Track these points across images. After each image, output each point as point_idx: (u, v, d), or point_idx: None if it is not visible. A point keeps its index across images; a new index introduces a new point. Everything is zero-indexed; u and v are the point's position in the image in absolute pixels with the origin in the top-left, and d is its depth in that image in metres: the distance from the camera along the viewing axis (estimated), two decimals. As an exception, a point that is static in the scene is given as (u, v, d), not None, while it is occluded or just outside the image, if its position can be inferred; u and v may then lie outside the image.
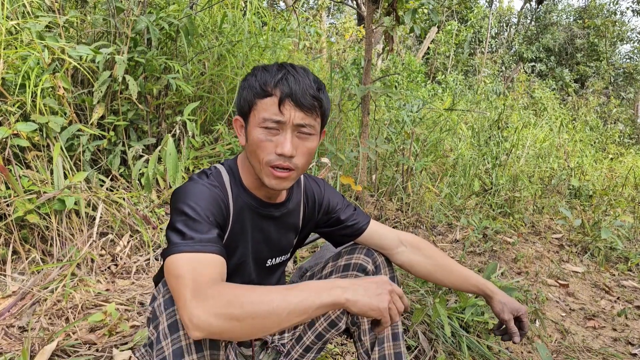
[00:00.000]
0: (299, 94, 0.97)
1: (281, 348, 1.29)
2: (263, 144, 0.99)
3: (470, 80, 10.00)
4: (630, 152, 7.96)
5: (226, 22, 3.67)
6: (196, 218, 0.93)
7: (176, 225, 0.92)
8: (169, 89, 2.97)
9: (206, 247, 0.89)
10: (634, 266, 3.09)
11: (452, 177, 4.11)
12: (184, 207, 0.95)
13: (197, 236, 0.90)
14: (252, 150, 1.02)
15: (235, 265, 1.15)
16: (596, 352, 1.95)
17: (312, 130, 1.02)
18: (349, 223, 1.27)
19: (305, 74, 1.02)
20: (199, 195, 0.98)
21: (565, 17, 16.93)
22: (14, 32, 2.44)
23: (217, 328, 0.79)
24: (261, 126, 0.99)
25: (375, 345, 1.24)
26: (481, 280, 1.31)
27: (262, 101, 0.99)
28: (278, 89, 0.97)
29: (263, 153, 1.00)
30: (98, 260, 2.11)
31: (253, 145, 1.01)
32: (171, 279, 0.87)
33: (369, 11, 3.04)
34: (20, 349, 1.54)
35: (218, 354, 0.95)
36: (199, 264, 0.87)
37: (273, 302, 0.80)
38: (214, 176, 1.07)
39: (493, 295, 1.29)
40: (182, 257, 0.87)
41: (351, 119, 3.95)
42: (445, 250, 2.93)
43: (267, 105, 0.98)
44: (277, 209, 1.16)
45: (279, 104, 0.97)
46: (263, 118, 0.98)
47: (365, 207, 3.29)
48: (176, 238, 0.90)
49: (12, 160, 2.14)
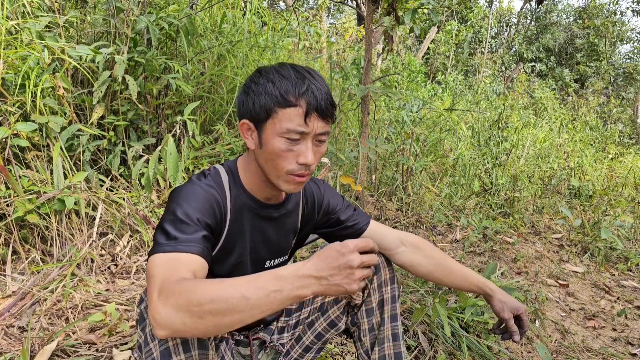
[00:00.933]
0: (323, 105, 0.97)
1: (280, 348, 1.29)
2: (285, 154, 0.98)
3: (470, 80, 10.01)
4: (630, 152, 7.95)
5: (226, 22, 3.67)
6: (184, 219, 0.93)
7: (164, 225, 0.93)
8: (169, 89, 2.97)
9: (187, 247, 0.89)
10: (633, 266, 3.09)
11: (452, 177, 4.11)
12: (175, 207, 0.95)
13: (180, 236, 0.90)
14: (269, 159, 1.00)
15: (233, 266, 1.14)
16: (596, 352, 1.95)
17: (327, 137, 1.03)
18: (349, 223, 1.27)
19: (321, 80, 1.01)
20: (192, 196, 0.98)
21: (565, 17, 16.93)
22: (13, 32, 2.44)
23: (180, 326, 0.77)
24: (284, 136, 0.97)
25: (375, 345, 1.24)
26: (481, 280, 1.31)
27: (284, 111, 0.96)
28: (304, 100, 0.96)
29: (284, 162, 0.99)
30: (98, 260, 2.11)
31: (272, 154, 0.99)
32: (147, 278, 0.87)
33: (369, 11, 3.04)
34: (20, 349, 1.54)
35: (207, 354, 0.94)
36: (176, 262, 0.87)
37: (233, 299, 0.76)
38: (212, 176, 1.07)
39: (493, 294, 1.29)
40: (160, 257, 0.87)
41: (351, 119, 3.95)
42: (445, 250, 2.93)
43: (291, 115, 0.96)
44: (276, 210, 1.16)
45: (304, 116, 0.96)
46: (287, 129, 0.96)
47: (365, 207, 3.29)
48: (161, 238, 0.91)
49: (12, 160, 2.14)
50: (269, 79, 0.99)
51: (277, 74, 0.99)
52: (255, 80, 1.01)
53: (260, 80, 1.00)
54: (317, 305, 1.30)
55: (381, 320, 1.24)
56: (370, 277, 1.24)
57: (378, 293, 1.24)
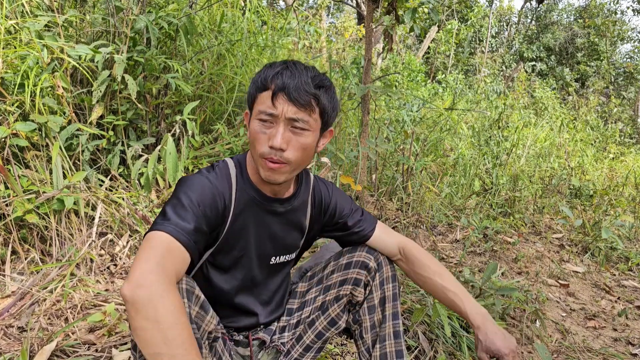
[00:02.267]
0: (292, 88, 1.00)
1: (281, 347, 1.29)
2: (258, 136, 1.03)
3: (470, 79, 10.00)
4: (631, 151, 7.94)
5: (225, 21, 3.66)
6: (185, 205, 0.98)
7: (165, 208, 0.98)
8: (169, 88, 2.97)
9: (177, 233, 0.93)
10: (634, 266, 3.08)
11: (452, 176, 4.11)
12: (180, 194, 1.01)
13: (175, 220, 0.95)
14: (250, 142, 1.07)
15: (236, 259, 1.15)
16: (596, 352, 1.94)
17: (306, 126, 1.03)
18: (355, 230, 1.27)
19: (306, 70, 1.04)
20: (197, 187, 1.03)
21: (566, 17, 16.91)
22: (13, 32, 2.43)
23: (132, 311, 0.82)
24: (257, 118, 1.04)
25: (376, 342, 1.25)
26: (470, 307, 1.19)
27: (261, 95, 1.04)
28: (273, 83, 1.01)
29: (258, 145, 1.04)
30: (97, 260, 2.11)
31: (251, 137, 1.06)
32: (140, 251, 0.90)
33: (369, 10, 3.04)
34: (19, 349, 1.54)
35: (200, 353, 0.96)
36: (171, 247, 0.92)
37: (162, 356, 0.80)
38: (220, 168, 1.11)
39: (477, 329, 1.17)
40: (157, 234, 0.92)
41: (351, 118, 3.95)
42: (445, 250, 2.93)
43: (263, 98, 1.03)
44: (281, 205, 1.17)
45: (272, 97, 1.01)
46: (259, 110, 1.03)
47: (365, 207, 3.29)
48: (159, 218, 0.97)
49: (11, 160, 2.14)
50: (262, 69, 1.06)
51: (268, 65, 1.06)
52: None
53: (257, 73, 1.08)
54: (318, 304, 1.30)
55: (382, 317, 1.24)
56: (372, 275, 1.24)
57: (380, 290, 1.25)
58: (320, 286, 1.31)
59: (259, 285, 1.23)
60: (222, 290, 1.17)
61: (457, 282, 1.24)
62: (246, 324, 1.24)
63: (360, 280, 1.24)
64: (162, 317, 0.81)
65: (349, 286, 1.24)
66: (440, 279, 1.23)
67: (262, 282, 1.23)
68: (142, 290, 0.82)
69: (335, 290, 1.26)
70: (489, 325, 1.16)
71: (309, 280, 1.36)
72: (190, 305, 0.98)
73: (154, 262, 0.87)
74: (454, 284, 1.23)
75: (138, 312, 0.81)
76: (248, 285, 1.20)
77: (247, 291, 1.21)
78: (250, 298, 1.22)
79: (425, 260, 1.26)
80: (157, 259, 0.87)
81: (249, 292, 1.21)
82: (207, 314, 1.04)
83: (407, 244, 1.28)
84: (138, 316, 0.81)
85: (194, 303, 1.00)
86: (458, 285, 1.23)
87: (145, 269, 0.85)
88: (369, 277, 1.24)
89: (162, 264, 0.87)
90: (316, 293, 1.31)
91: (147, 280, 0.83)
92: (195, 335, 0.97)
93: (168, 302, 0.82)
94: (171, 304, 0.83)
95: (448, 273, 1.26)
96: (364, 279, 1.24)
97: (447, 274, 1.25)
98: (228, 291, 1.17)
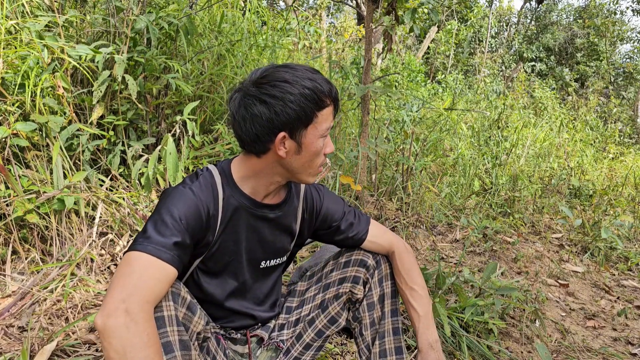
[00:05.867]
0: (338, 97, 1.08)
1: (280, 344, 1.29)
2: (321, 151, 1.08)
3: (470, 79, 10.00)
4: (631, 151, 7.95)
5: (225, 21, 3.66)
6: (167, 221, 0.97)
7: (147, 224, 0.98)
8: (169, 88, 2.97)
9: (157, 251, 0.93)
10: (634, 266, 3.09)
11: (452, 176, 4.11)
12: (162, 209, 1.00)
13: (157, 238, 0.94)
14: (309, 160, 1.07)
15: (226, 264, 1.15)
16: (596, 352, 1.94)
17: None
18: (349, 234, 1.27)
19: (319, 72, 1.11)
20: (179, 201, 1.02)
21: (566, 17, 16.92)
22: (13, 32, 2.44)
23: (104, 342, 0.84)
24: (323, 136, 1.06)
25: (376, 339, 1.25)
26: (422, 332, 1.24)
27: (321, 113, 1.04)
28: (330, 99, 1.05)
29: (319, 159, 1.09)
30: (98, 260, 2.11)
31: (313, 155, 1.07)
32: (119, 271, 0.90)
33: (369, 11, 3.04)
34: (19, 349, 1.54)
35: (190, 354, 0.97)
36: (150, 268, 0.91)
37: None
38: (205, 177, 1.09)
39: (419, 353, 1.24)
40: (135, 255, 0.92)
41: (351, 118, 3.95)
42: (445, 250, 2.93)
43: (325, 115, 1.05)
44: (271, 211, 1.16)
45: (334, 112, 1.07)
46: (326, 128, 1.05)
47: (365, 207, 3.29)
48: (140, 236, 0.96)
49: (12, 160, 2.14)
50: (305, 86, 0.99)
51: (309, 81, 1.00)
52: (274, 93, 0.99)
53: (292, 89, 0.99)
54: (317, 303, 1.30)
55: (382, 314, 1.26)
56: (370, 272, 1.24)
57: (379, 287, 1.26)
58: (320, 284, 1.32)
59: (250, 289, 1.23)
60: (213, 295, 1.17)
61: (425, 303, 1.27)
62: (243, 323, 1.25)
63: (359, 278, 1.24)
64: (129, 350, 0.83)
65: (348, 284, 1.25)
66: (411, 295, 1.26)
67: (253, 286, 1.23)
68: (112, 321, 0.84)
69: (334, 289, 1.27)
70: (431, 353, 1.22)
71: (308, 280, 1.37)
72: (177, 307, 0.98)
73: (128, 290, 0.87)
74: (421, 303, 1.26)
75: (109, 343, 0.83)
76: (239, 289, 1.21)
77: (239, 295, 1.21)
78: (243, 301, 1.22)
79: (405, 271, 1.28)
80: (132, 285, 0.88)
81: (241, 295, 1.22)
82: (194, 314, 1.04)
83: (397, 249, 1.29)
84: (109, 347, 0.83)
85: (180, 305, 1.00)
86: (425, 307, 1.26)
87: (117, 298, 0.86)
88: (368, 275, 1.25)
89: (138, 290, 0.88)
90: (316, 291, 1.32)
91: (119, 310, 0.84)
92: (184, 337, 0.98)
93: (137, 333, 0.84)
94: (139, 336, 0.84)
95: (423, 291, 1.28)
96: (363, 276, 1.24)
97: (420, 293, 1.27)
98: (219, 295, 1.17)
